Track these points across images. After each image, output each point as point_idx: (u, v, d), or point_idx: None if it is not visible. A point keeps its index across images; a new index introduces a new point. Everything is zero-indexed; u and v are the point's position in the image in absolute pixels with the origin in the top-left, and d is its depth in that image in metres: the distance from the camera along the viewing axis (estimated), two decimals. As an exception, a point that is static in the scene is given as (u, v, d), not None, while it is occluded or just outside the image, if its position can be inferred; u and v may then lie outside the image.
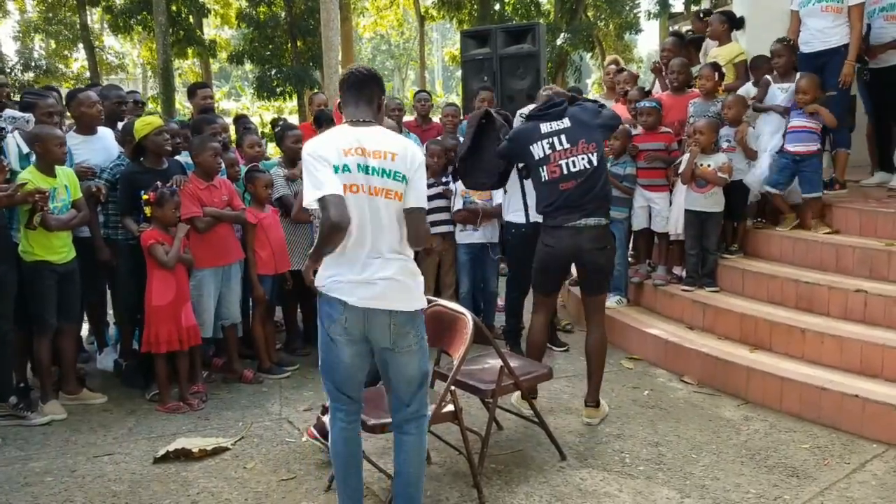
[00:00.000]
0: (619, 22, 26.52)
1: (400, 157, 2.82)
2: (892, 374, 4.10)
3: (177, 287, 4.56)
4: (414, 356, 2.91)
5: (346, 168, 2.75)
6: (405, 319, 2.85)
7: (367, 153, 2.79)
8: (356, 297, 2.78)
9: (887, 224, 5.03)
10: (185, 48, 21.87)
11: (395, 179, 2.80)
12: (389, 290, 2.80)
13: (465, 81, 8.61)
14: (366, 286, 2.78)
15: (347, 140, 2.80)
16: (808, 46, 5.81)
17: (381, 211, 2.79)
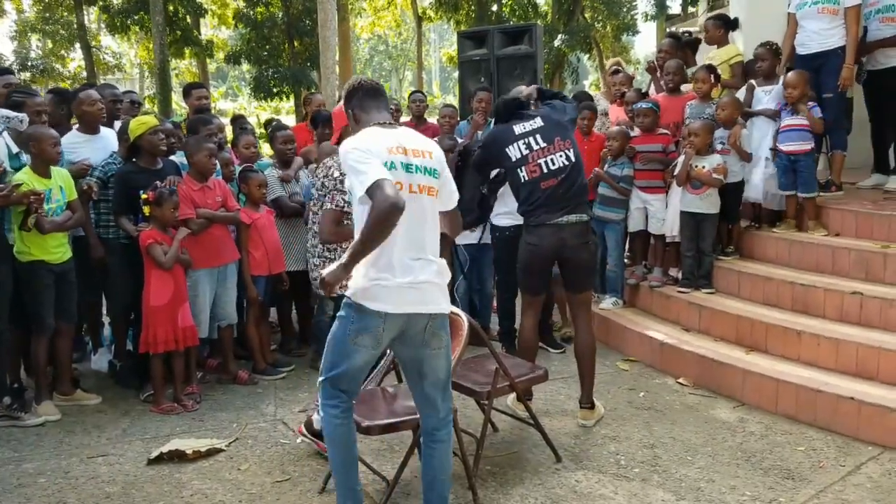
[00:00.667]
0: (617, 24, 26.53)
1: (435, 156, 2.93)
2: (887, 377, 4.10)
3: (175, 287, 4.55)
4: (443, 357, 2.95)
5: (392, 165, 2.75)
6: (441, 321, 2.90)
7: (409, 152, 2.84)
8: (400, 304, 2.77)
9: (883, 226, 5.03)
10: (182, 48, 21.81)
11: (434, 177, 2.89)
12: (430, 292, 2.84)
13: (461, 82, 8.60)
14: (409, 290, 2.78)
15: (389, 140, 2.82)
16: (805, 48, 5.81)
17: (425, 209, 2.84)
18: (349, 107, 3.08)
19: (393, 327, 2.81)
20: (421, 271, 2.80)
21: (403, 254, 2.77)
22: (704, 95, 5.72)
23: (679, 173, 5.34)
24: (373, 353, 2.89)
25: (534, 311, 4.33)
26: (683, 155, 5.35)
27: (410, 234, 2.78)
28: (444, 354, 2.95)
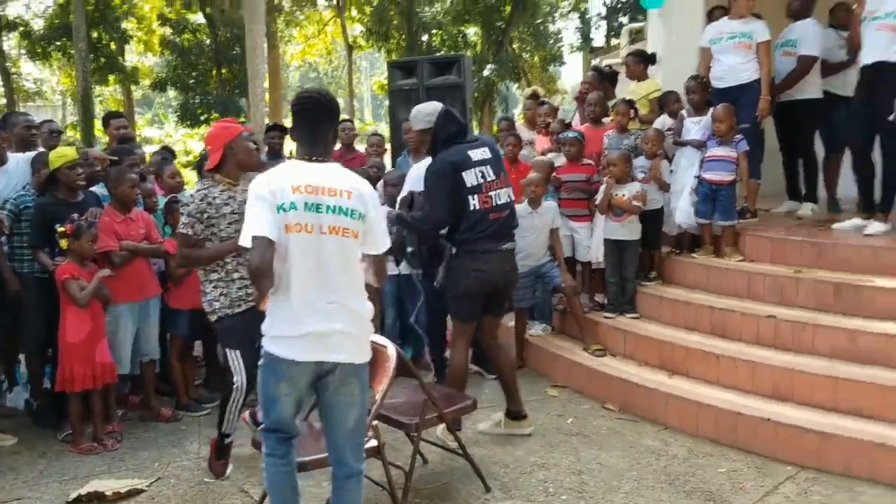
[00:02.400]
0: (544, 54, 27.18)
1: (356, 196, 2.75)
2: (802, 398, 4.25)
3: (92, 323, 4.41)
4: (355, 407, 2.85)
5: (293, 206, 2.66)
6: (351, 371, 2.80)
7: (321, 191, 2.70)
8: (305, 352, 2.72)
9: (795, 252, 5.24)
10: (106, 75, 21.40)
11: (353, 217, 2.73)
12: (338, 341, 2.74)
13: (392, 111, 8.66)
14: (315, 338, 2.71)
15: (299, 177, 2.71)
16: (722, 82, 6.04)
17: (334, 251, 2.72)
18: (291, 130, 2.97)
19: (305, 373, 2.76)
20: (330, 318, 2.71)
21: (310, 299, 2.69)
22: (623, 128, 5.90)
23: (601, 202, 5.48)
24: (298, 396, 2.83)
25: (467, 340, 4.33)
26: (604, 184, 5.49)
27: (319, 279, 2.70)
28: (357, 405, 2.85)
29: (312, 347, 2.72)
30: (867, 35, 5.18)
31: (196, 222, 3.80)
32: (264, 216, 2.63)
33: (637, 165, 5.62)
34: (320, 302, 2.71)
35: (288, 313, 2.72)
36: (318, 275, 2.70)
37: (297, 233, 2.66)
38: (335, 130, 2.93)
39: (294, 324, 2.71)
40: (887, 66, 5.06)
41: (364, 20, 25.48)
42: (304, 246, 2.68)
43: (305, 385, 2.80)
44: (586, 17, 26.73)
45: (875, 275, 4.71)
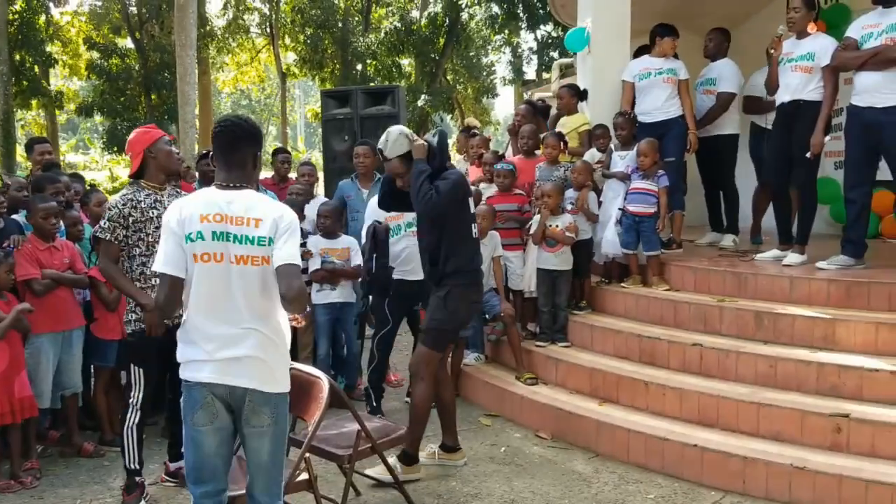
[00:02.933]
0: (477, 86, 27.65)
1: (265, 223, 2.69)
2: (726, 424, 4.37)
3: (10, 355, 4.23)
4: (266, 440, 2.77)
5: (200, 236, 2.66)
6: (262, 399, 2.73)
7: (229, 219, 2.68)
8: (213, 375, 2.69)
9: (718, 281, 5.42)
10: (29, 99, 20.76)
11: (261, 245, 2.68)
12: (247, 366, 2.70)
13: (325, 140, 8.67)
14: (226, 362, 2.68)
15: (209, 205, 2.70)
16: (650, 117, 6.26)
17: (242, 280, 2.69)
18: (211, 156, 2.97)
19: (221, 397, 2.72)
20: (238, 344, 2.68)
21: (220, 326, 2.69)
22: (553, 160, 6.05)
23: (535, 232, 5.58)
24: (219, 430, 2.75)
25: (433, 371, 4.27)
26: (539, 215, 5.60)
27: (224, 307, 2.69)
28: (269, 437, 2.76)
29: (222, 371, 2.69)
30: (783, 75, 5.46)
31: (118, 227, 3.78)
32: (170, 249, 2.69)
33: (567, 197, 5.76)
34: (230, 329, 2.69)
35: (199, 339, 2.72)
36: (227, 304, 2.69)
37: (206, 262, 2.67)
38: (256, 156, 2.86)
39: (204, 349, 2.70)
40: (803, 104, 5.35)
41: (298, 48, 25.46)
42: (212, 275, 2.68)
43: (223, 414, 2.73)
44: (518, 51, 27.35)
45: (792, 304, 4.92)
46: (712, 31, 6.64)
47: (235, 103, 50.13)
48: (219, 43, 25.83)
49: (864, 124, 5.03)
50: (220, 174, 2.80)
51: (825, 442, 4.04)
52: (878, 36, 4.95)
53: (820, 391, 4.33)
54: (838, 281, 4.91)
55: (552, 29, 22.92)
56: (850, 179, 5.24)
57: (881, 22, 4.98)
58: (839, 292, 4.86)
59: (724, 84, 6.42)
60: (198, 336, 2.72)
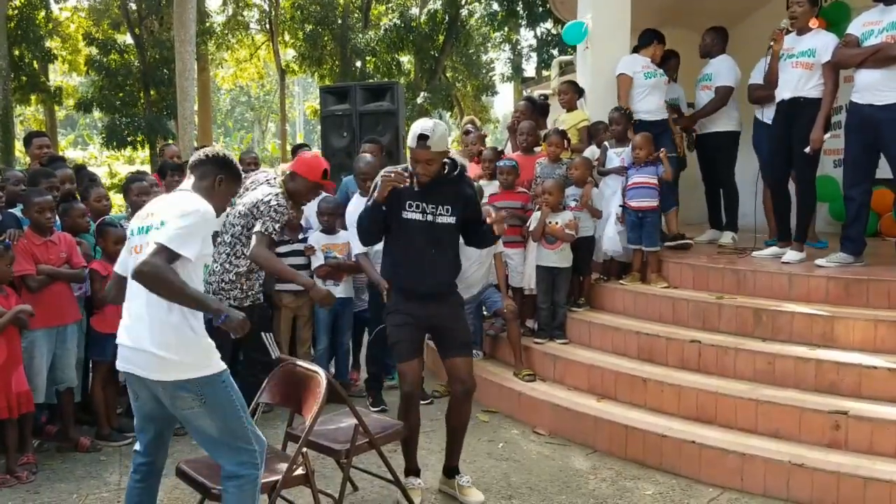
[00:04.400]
0: (477, 84, 27.64)
1: (159, 210, 2.89)
2: (724, 420, 4.37)
3: (7, 349, 4.22)
4: (203, 417, 2.85)
5: (132, 232, 3.00)
6: (174, 387, 2.80)
7: (149, 214, 2.94)
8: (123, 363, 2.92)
9: (717, 278, 5.42)
10: (28, 94, 20.72)
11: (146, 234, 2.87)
12: (146, 359, 2.81)
13: (324, 136, 8.64)
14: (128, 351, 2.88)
15: (152, 205, 3.01)
16: (652, 115, 6.28)
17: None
18: None
19: (134, 383, 2.95)
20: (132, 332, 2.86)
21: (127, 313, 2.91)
22: (555, 157, 6.03)
23: (535, 229, 5.57)
24: (138, 405, 3.01)
25: None
26: (539, 212, 5.59)
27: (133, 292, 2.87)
28: (204, 414, 2.84)
29: (126, 359, 2.90)
30: (784, 71, 5.45)
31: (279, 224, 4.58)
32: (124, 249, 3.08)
33: (568, 194, 5.74)
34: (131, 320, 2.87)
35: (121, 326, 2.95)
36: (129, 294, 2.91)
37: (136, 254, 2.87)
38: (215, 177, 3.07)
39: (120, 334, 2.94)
40: (803, 101, 5.34)
41: (297, 45, 25.43)
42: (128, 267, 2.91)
43: (144, 396, 2.96)
44: (518, 49, 27.33)
45: (790, 301, 4.92)
46: (708, 30, 6.65)
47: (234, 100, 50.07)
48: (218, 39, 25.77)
49: (863, 122, 5.02)
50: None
51: (823, 439, 4.04)
52: (879, 33, 4.94)
53: (818, 388, 4.33)
54: (837, 278, 4.91)
55: (552, 26, 22.88)
56: (849, 177, 5.23)
57: (882, 19, 4.97)
58: (838, 290, 4.86)
59: (721, 79, 6.43)
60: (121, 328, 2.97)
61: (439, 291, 3.90)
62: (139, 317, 2.81)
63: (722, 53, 6.55)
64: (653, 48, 6.38)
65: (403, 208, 3.77)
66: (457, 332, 3.94)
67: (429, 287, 3.84)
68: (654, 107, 6.31)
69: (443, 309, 3.89)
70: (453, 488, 4.00)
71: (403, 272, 3.87)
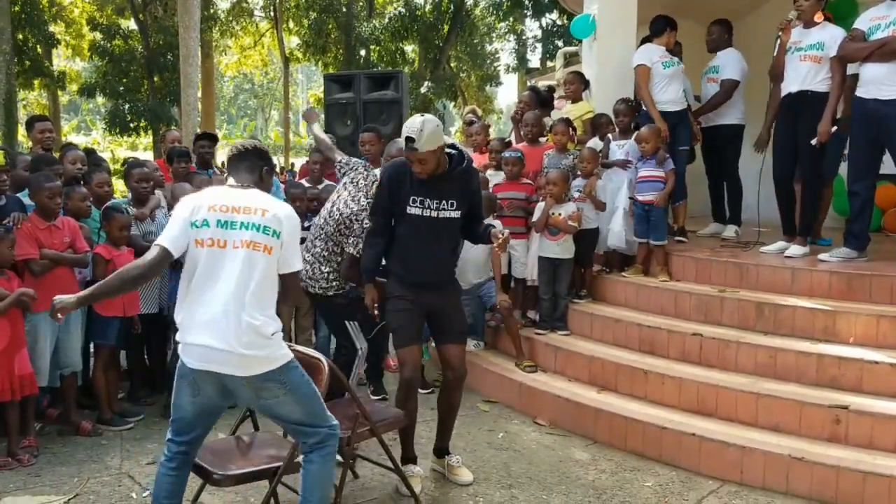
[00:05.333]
0: (481, 74, 27.55)
1: (271, 215, 2.92)
2: (725, 413, 4.38)
3: (11, 332, 4.22)
4: (288, 402, 2.95)
5: (205, 223, 2.86)
6: (261, 378, 2.87)
7: (234, 209, 2.90)
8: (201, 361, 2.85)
9: (720, 272, 5.41)
10: (32, 79, 20.68)
11: (266, 233, 2.89)
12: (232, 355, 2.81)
13: (328, 124, 8.62)
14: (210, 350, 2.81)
15: (218, 198, 2.93)
16: (670, 105, 6.23)
17: (249, 264, 2.85)
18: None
19: (206, 379, 2.89)
20: (218, 331, 2.80)
21: (211, 311, 2.82)
22: (562, 147, 6.01)
23: (538, 220, 5.56)
24: (197, 401, 2.96)
25: None
26: (542, 202, 5.58)
27: (227, 289, 2.82)
28: (289, 399, 2.95)
29: (207, 357, 2.84)
30: (791, 64, 5.43)
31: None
32: (174, 233, 2.87)
33: (574, 185, 5.74)
34: (223, 313, 2.81)
35: (189, 320, 2.87)
36: (225, 287, 2.83)
37: (209, 246, 2.86)
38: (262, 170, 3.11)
39: (192, 332, 2.86)
40: (811, 94, 5.32)
41: (301, 33, 25.37)
42: (211, 258, 2.85)
43: (210, 391, 2.93)
44: (523, 39, 27.23)
45: (793, 295, 4.92)
46: (713, 23, 6.62)
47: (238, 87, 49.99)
48: (222, 26, 25.72)
49: (868, 116, 5.01)
50: (231, 177, 3.08)
51: (824, 433, 4.05)
52: (886, 28, 4.93)
53: (819, 383, 4.33)
54: (840, 273, 4.90)
55: (557, 17, 22.81)
56: (854, 172, 5.22)
57: (889, 14, 4.95)
58: (841, 284, 4.86)
59: (727, 71, 6.41)
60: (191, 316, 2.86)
61: (441, 281, 3.97)
62: (224, 314, 2.81)
63: (728, 46, 6.52)
64: (666, 36, 6.31)
65: (407, 203, 3.79)
66: (453, 320, 4.00)
67: (428, 279, 3.91)
68: (675, 96, 6.26)
69: (441, 297, 3.95)
70: (443, 467, 4.11)
71: (404, 263, 3.92)
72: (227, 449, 3.32)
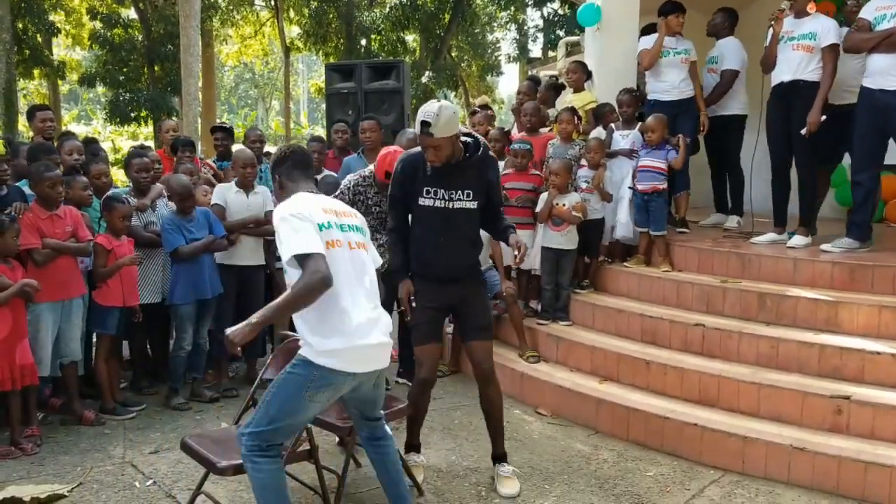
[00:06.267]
0: (482, 64, 27.46)
1: (359, 217, 3.21)
2: (727, 404, 4.38)
3: (12, 322, 4.23)
4: (380, 389, 3.24)
5: (329, 225, 2.94)
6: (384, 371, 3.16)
7: (339, 213, 3.04)
8: (366, 363, 2.97)
9: (722, 262, 5.41)
10: (32, 68, 20.59)
11: (363, 234, 3.13)
12: (384, 351, 3.04)
13: (329, 114, 8.61)
14: (371, 349, 2.95)
15: (323, 203, 3.03)
16: (666, 95, 6.22)
17: (365, 263, 3.05)
18: (276, 173, 3.20)
19: (355, 382, 2.99)
20: (377, 328, 2.96)
21: (363, 311, 2.92)
22: (567, 136, 5.99)
23: (542, 210, 5.55)
24: (328, 406, 3.10)
25: None
26: (547, 193, 5.57)
27: (363, 289, 2.97)
28: (380, 385, 3.22)
29: (369, 358, 2.99)
30: (784, 54, 5.41)
31: None
32: (314, 236, 2.83)
33: (580, 175, 5.72)
34: (369, 312, 2.96)
35: (345, 330, 2.86)
36: (360, 286, 2.98)
37: (339, 247, 2.94)
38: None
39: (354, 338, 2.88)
40: (803, 84, 5.31)
41: (302, 22, 25.24)
42: (342, 260, 2.92)
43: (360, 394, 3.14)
44: (524, 29, 27.14)
45: (795, 286, 4.91)
46: (719, 10, 6.60)
47: (238, 76, 49.84)
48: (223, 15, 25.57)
49: (874, 106, 4.99)
50: (304, 184, 3.14)
51: (825, 423, 4.05)
52: (892, 17, 4.91)
53: (821, 373, 4.33)
54: (842, 263, 4.90)
55: (558, 6, 22.72)
56: (857, 162, 5.21)
57: (894, 4, 4.93)
58: (843, 275, 4.85)
59: (727, 62, 6.39)
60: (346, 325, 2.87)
61: (459, 275, 3.81)
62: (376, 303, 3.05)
63: (730, 35, 6.50)
64: (668, 21, 6.22)
65: (420, 195, 3.70)
66: (477, 315, 3.86)
67: (447, 272, 3.77)
68: (671, 86, 6.22)
69: (463, 291, 3.82)
70: (494, 476, 3.96)
71: (420, 257, 3.80)
72: (230, 438, 3.32)
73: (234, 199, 5.40)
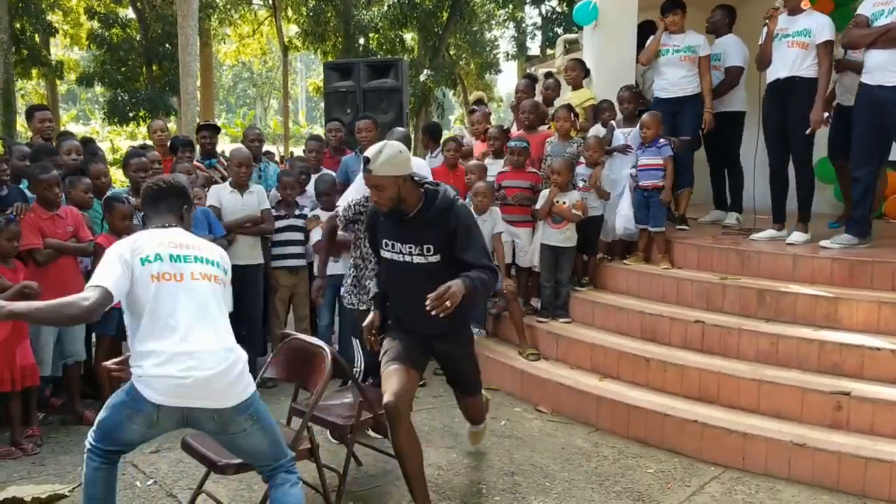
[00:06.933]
0: (480, 62, 27.44)
1: (217, 252, 3.02)
2: (727, 400, 4.39)
3: (12, 323, 4.22)
4: (255, 435, 2.85)
5: (158, 257, 2.79)
6: (231, 413, 2.76)
7: (182, 246, 2.89)
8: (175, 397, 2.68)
9: (721, 259, 5.41)
10: (30, 68, 20.56)
11: (217, 267, 2.94)
12: (211, 385, 2.70)
13: (327, 113, 8.60)
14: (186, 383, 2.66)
15: (159, 237, 2.88)
16: (665, 92, 6.23)
17: (209, 295, 2.84)
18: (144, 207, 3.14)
19: (171, 415, 2.73)
20: (205, 360, 2.69)
21: (185, 341, 2.69)
22: (565, 134, 5.99)
23: (541, 208, 5.56)
24: (149, 432, 2.80)
25: None
26: (547, 191, 5.57)
27: (196, 320, 2.74)
28: (256, 432, 2.84)
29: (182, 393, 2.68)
30: (779, 51, 5.42)
31: None
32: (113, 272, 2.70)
33: (577, 173, 5.73)
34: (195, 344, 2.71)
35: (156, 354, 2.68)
36: (194, 318, 2.75)
37: (167, 280, 2.77)
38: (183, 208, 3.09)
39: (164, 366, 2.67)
40: (798, 80, 5.32)
41: (300, 21, 25.23)
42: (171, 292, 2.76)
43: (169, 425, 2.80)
44: (522, 27, 27.11)
45: (794, 282, 4.92)
46: (718, 6, 6.61)
47: (237, 76, 49.82)
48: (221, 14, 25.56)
49: (873, 102, 4.99)
50: (155, 220, 3.01)
51: (825, 419, 4.06)
52: (890, 13, 4.90)
53: (821, 369, 4.34)
54: (842, 260, 4.91)
55: (557, 4, 22.70)
56: (857, 158, 5.21)
57: (892, 0, 4.93)
58: (842, 271, 4.86)
59: (731, 59, 6.41)
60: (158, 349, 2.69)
61: (434, 331, 3.45)
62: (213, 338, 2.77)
63: (729, 32, 6.51)
64: (664, 21, 6.27)
65: (381, 246, 3.48)
66: (465, 373, 3.76)
67: (418, 328, 3.49)
68: (668, 84, 6.27)
69: (450, 347, 3.63)
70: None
71: (394, 309, 3.65)
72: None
73: (228, 200, 5.41)
